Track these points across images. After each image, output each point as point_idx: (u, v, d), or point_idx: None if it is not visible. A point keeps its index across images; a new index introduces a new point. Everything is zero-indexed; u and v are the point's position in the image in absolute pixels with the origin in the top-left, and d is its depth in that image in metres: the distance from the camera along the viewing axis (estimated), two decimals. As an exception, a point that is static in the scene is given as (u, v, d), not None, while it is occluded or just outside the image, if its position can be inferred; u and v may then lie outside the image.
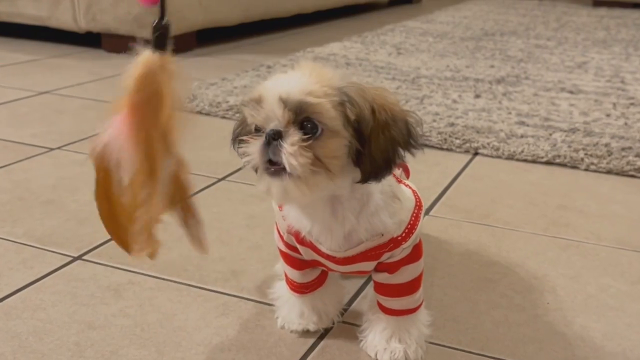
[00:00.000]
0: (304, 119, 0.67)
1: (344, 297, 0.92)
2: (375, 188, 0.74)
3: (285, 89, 0.68)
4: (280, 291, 0.89)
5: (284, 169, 0.67)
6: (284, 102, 0.67)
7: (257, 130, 0.70)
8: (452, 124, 1.67)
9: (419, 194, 0.82)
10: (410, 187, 0.82)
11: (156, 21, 0.66)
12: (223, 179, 1.37)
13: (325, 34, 3.14)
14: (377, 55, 2.56)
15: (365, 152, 0.69)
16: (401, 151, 0.71)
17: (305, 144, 0.67)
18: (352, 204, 0.73)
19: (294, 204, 0.74)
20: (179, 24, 2.57)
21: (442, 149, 1.57)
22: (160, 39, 0.66)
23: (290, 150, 0.67)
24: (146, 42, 0.65)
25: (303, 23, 3.42)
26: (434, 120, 1.70)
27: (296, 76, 0.69)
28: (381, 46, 2.75)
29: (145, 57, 0.65)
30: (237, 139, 0.76)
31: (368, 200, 0.74)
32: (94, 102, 1.92)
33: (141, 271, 1.00)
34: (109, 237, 1.10)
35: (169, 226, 1.14)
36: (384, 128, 0.70)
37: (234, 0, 2.80)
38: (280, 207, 0.79)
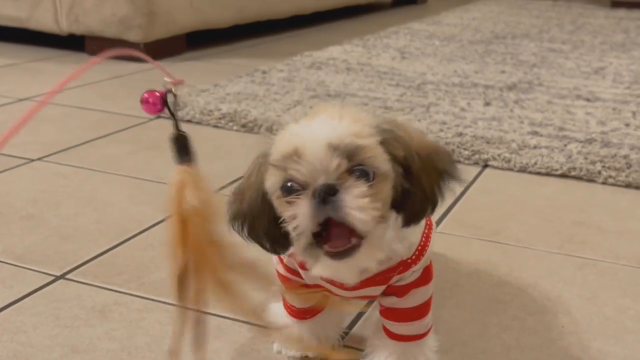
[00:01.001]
0: (354, 166, 0.64)
1: (345, 319, 0.93)
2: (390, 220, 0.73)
3: (331, 134, 0.64)
4: (277, 313, 0.89)
5: (351, 247, 0.64)
6: (336, 150, 0.63)
7: (291, 191, 0.65)
8: (460, 134, 1.69)
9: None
10: None
11: (173, 132, 0.65)
12: (216, 191, 1.38)
13: (325, 37, 3.16)
14: (379, 60, 2.58)
15: (415, 189, 0.68)
16: (448, 181, 0.71)
17: (371, 193, 0.64)
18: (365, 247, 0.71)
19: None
20: (167, 27, 2.59)
21: (449, 160, 1.59)
22: (182, 149, 0.65)
23: (360, 204, 0.63)
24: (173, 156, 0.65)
25: (301, 25, 3.45)
26: (441, 130, 1.71)
27: (330, 119, 0.66)
28: (384, 50, 2.78)
29: (178, 175, 0.62)
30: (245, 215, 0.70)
31: (384, 237, 0.71)
32: (77, 109, 1.94)
33: (128, 291, 1.01)
34: (93, 254, 1.12)
35: (157, 245, 1.15)
36: (429, 161, 0.70)
37: (226, 1, 2.82)
38: None
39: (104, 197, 1.35)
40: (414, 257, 0.76)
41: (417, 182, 0.68)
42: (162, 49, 2.61)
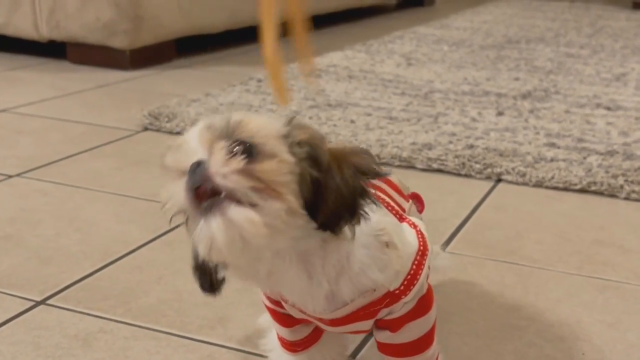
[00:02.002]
0: (235, 144, 0.64)
1: (347, 347, 0.94)
2: (356, 243, 0.70)
3: (211, 120, 0.66)
4: (274, 342, 0.90)
5: (220, 196, 0.61)
6: (208, 129, 0.65)
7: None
8: (471, 146, 1.70)
9: (425, 236, 0.79)
10: (414, 227, 0.80)
11: None
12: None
13: (325, 42, 3.18)
14: (383, 67, 2.60)
15: (327, 182, 0.66)
16: (368, 178, 0.68)
17: (235, 159, 0.62)
18: (326, 266, 0.70)
19: (250, 253, 0.65)
20: (155, 32, 2.61)
21: (459, 175, 1.60)
22: None
23: (218, 162, 0.62)
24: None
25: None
26: (450, 142, 1.73)
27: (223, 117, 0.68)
28: (388, 56, 2.80)
29: None
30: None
31: (349, 260, 0.70)
32: (58, 121, 1.95)
33: (114, 318, 1.02)
34: (76, 278, 1.13)
35: (145, 267, 1.16)
36: (344, 158, 0.68)
37: (218, 4, 2.84)
38: None
39: (88, 216, 1.35)
40: (402, 287, 0.74)
41: (329, 173, 0.66)
42: (150, 56, 2.63)
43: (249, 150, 0.63)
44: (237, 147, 0.63)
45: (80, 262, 1.18)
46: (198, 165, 0.63)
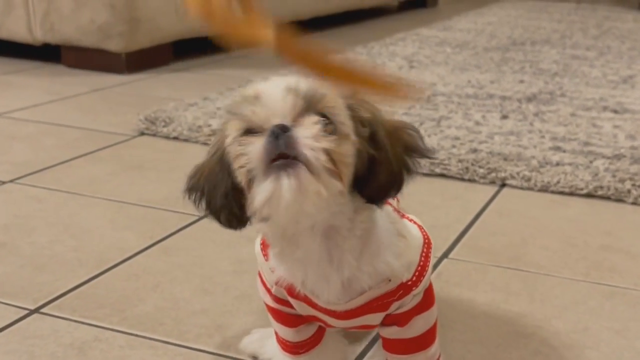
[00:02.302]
0: (316, 114, 0.68)
1: (347, 356, 0.94)
2: (377, 222, 0.75)
3: (292, 81, 0.69)
4: (273, 351, 0.90)
5: (295, 160, 0.66)
6: (294, 92, 0.67)
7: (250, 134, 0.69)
8: (474, 150, 1.70)
9: (426, 231, 0.83)
10: (415, 223, 0.83)
11: None
12: (205, 216, 1.39)
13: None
14: (385, 70, 2.60)
15: (381, 158, 0.70)
16: (416, 157, 0.73)
17: (325, 138, 0.66)
18: (351, 242, 0.73)
19: (294, 216, 0.70)
20: (151, 35, 2.61)
21: (463, 179, 1.60)
22: None
23: (313, 132, 0.66)
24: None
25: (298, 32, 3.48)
26: (454, 146, 1.73)
27: (297, 77, 0.70)
28: (390, 58, 2.80)
29: None
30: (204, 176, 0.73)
31: (369, 238, 0.74)
32: (53, 126, 1.95)
33: (109, 326, 1.02)
34: (71, 286, 1.13)
35: (142, 274, 1.16)
36: (396, 133, 0.72)
37: (217, 6, 2.85)
38: (265, 256, 0.81)
39: (83, 222, 1.36)
40: (414, 278, 0.77)
41: (384, 151, 0.71)
42: (146, 59, 2.63)
43: (332, 128, 0.68)
44: (323, 123, 0.67)
45: (75, 269, 1.18)
46: (283, 130, 0.66)
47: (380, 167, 0.71)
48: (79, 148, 1.77)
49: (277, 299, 0.81)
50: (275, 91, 0.68)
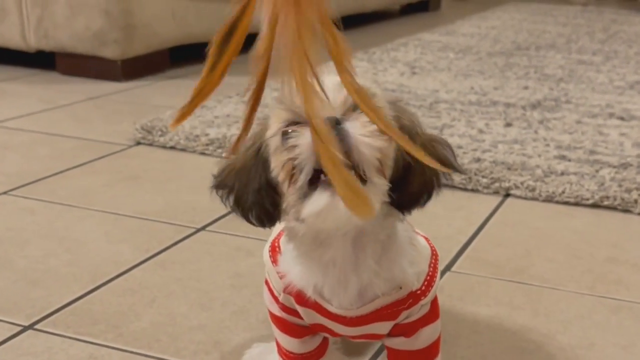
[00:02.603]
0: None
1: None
2: (399, 228, 0.77)
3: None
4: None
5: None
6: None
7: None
8: (477, 159, 1.70)
9: (431, 242, 0.85)
10: (419, 234, 0.85)
11: None
12: (203, 228, 1.40)
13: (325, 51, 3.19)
14: (386, 76, 2.61)
15: (415, 167, 0.72)
16: (447, 170, 0.74)
17: (381, 136, 0.67)
18: (374, 247, 0.75)
19: (347, 228, 0.71)
20: (148, 41, 2.62)
21: (465, 189, 1.60)
22: None
23: (369, 129, 0.66)
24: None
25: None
26: (457, 155, 1.73)
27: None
28: (392, 64, 2.81)
29: None
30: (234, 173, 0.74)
31: (390, 244, 0.76)
32: (47, 136, 1.96)
33: (105, 343, 1.02)
34: (66, 301, 1.13)
35: (138, 289, 1.16)
36: (431, 144, 0.74)
37: (214, 11, 2.86)
38: (275, 262, 0.81)
39: (78, 235, 1.36)
40: (423, 287, 0.79)
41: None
42: (142, 66, 2.64)
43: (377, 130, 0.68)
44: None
45: (70, 284, 1.18)
46: (336, 123, 0.66)
47: (414, 175, 0.72)
48: (73, 158, 1.78)
49: (285, 308, 0.82)
50: (327, 84, 0.67)
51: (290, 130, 0.68)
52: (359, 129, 0.67)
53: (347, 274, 0.75)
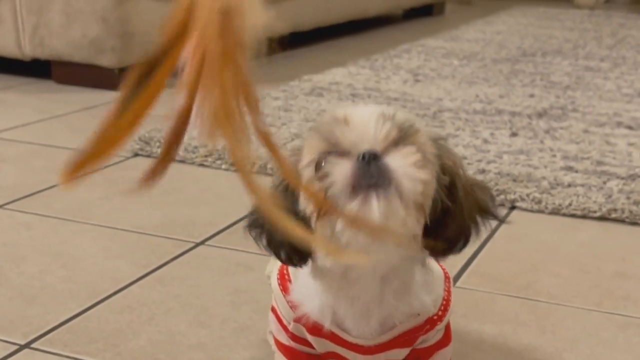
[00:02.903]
0: (405, 146, 0.69)
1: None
2: (418, 263, 0.77)
3: (387, 109, 0.70)
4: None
5: (388, 184, 0.66)
6: (390, 119, 0.69)
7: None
8: (482, 171, 1.71)
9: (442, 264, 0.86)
10: None
11: None
12: (202, 243, 1.40)
13: (326, 57, 3.21)
14: (389, 84, 2.62)
15: (455, 210, 0.72)
16: (485, 217, 0.75)
17: (422, 170, 0.68)
18: (397, 284, 0.76)
19: (378, 252, 0.71)
20: (145, 49, 2.63)
21: (471, 202, 1.61)
22: None
23: (411, 162, 0.67)
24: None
25: (297, 43, 3.50)
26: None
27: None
28: (394, 72, 2.82)
29: None
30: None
31: (411, 279, 0.77)
32: (43, 147, 1.97)
33: (102, 362, 1.03)
34: (62, 319, 1.14)
35: (136, 306, 1.17)
36: (472, 190, 0.75)
37: (213, 18, 2.88)
38: (284, 290, 0.81)
39: (74, 250, 1.37)
40: (439, 312, 0.80)
41: (459, 202, 0.73)
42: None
43: (420, 163, 0.68)
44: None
45: (67, 301, 1.19)
46: (374, 158, 0.66)
47: (452, 219, 0.72)
48: (70, 170, 1.78)
49: (295, 337, 0.82)
50: (368, 116, 0.69)
51: (324, 161, 0.68)
52: (399, 160, 0.67)
53: (371, 308, 0.76)
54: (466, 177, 0.75)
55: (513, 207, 1.58)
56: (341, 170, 0.66)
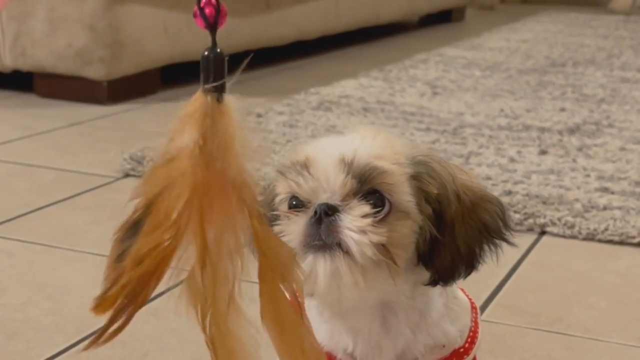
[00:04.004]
0: (368, 192, 0.72)
1: None
2: (434, 290, 0.78)
3: (347, 149, 0.72)
4: None
5: (337, 245, 0.70)
6: (347, 166, 0.71)
7: (296, 206, 0.73)
8: (508, 192, 1.72)
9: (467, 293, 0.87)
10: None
11: (208, 50, 0.64)
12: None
13: (335, 68, 3.22)
14: (404, 97, 2.64)
15: (445, 240, 0.73)
16: (493, 240, 0.76)
17: (369, 220, 0.70)
18: (409, 314, 0.77)
19: (336, 299, 0.74)
20: (137, 59, 2.64)
21: (496, 226, 1.61)
22: (215, 71, 0.64)
23: (360, 225, 0.70)
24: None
25: (304, 53, 3.51)
26: (485, 187, 1.74)
27: (356, 137, 0.74)
28: (410, 84, 2.83)
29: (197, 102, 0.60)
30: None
31: (429, 308, 0.78)
32: (24, 167, 1.97)
33: (92, 403, 1.03)
34: (48, 355, 1.13)
35: (128, 341, 1.17)
36: (473, 210, 0.75)
37: (211, 26, 2.88)
38: None
39: (60, 280, 1.37)
40: (466, 345, 0.81)
41: (450, 232, 0.74)
42: (131, 87, 2.66)
43: (383, 203, 0.71)
44: (373, 200, 0.71)
45: (52, 336, 1.19)
46: (329, 212, 0.70)
47: (444, 248, 0.73)
48: (54, 193, 1.79)
49: None
50: (327, 161, 0.72)
51: (286, 214, 0.73)
52: (349, 220, 0.70)
53: (379, 341, 0.77)
54: (469, 195, 0.75)
55: (543, 232, 1.59)
56: (294, 228, 0.72)
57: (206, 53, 0.62)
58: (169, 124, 0.61)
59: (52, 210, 1.70)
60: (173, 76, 2.85)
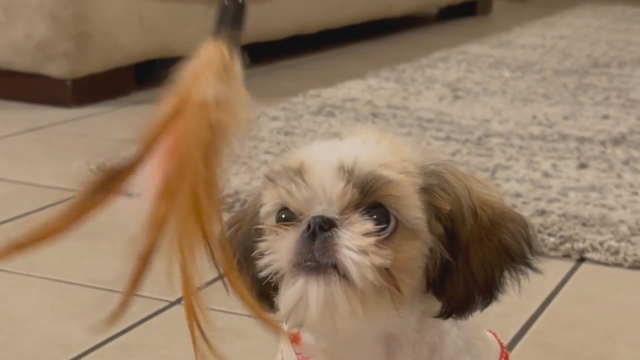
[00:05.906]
0: (371, 205, 0.71)
1: None
2: (451, 323, 0.77)
3: (347, 155, 0.72)
4: None
5: (332, 267, 0.69)
6: (348, 174, 0.71)
7: (286, 219, 0.73)
8: (542, 212, 1.72)
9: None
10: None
11: None
12: (178, 302, 1.40)
13: (340, 67, 3.22)
14: (420, 101, 2.64)
15: (459, 265, 0.73)
16: (515, 266, 0.75)
17: (380, 237, 0.70)
18: (416, 348, 0.76)
19: (330, 330, 0.73)
20: (107, 54, 2.64)
21: (527, 251, 1.61)
22: (234, 18, 0.66)
23: (361, 244, 0.69)
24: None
25: (305, 49, 3.51)
26: (514, 206, 1.74)
27: (359, 142, 0.74)
28: (427, 86, 2.84)
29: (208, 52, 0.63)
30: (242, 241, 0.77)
31: (442, 343, 0.77)
32: (-27, 178, 1.97)
33: None
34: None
35: (127, 347, 1.17)
36: (492, 230, 0.74)
37: (193, 16, 2.86)
38: (295, 339, 0.82)
39: (15, 310, 1.37)
40: None
41: (465, 255, 0.73)
42: (100, 87, 2.65)
43: (388, 220, 0.70)
44: (376, 215, 0.70)
45: (4, 374, 1.20)
46: (324, 227, 0.69)
47: (458, 275, 0.73)
48: (9, 208, 1.79)
49: None
50: (324, 167, 0.71)
51: (273, 229, 0.72)
52: (348, 238, 0.69)
53: None
54: (489, 213, 0.75)
55: (582, 259, 1.59)
56: (283, 245, 0.71)
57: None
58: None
59: (5, 229, 1.70)
60: (148, 74, 2.85)
